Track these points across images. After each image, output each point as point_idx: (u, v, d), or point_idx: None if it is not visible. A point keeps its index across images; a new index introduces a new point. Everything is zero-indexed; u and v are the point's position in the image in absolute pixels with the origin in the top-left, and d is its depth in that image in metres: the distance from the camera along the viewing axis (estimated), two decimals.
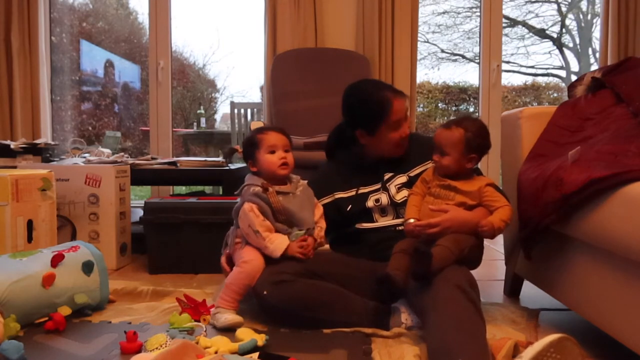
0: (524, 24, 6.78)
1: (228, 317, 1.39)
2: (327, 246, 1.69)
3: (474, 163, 1.45)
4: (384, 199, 1.58)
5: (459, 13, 6.66)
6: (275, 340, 1.28)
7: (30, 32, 3.24)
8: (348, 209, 1.61)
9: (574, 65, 6.85)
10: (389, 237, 1.52)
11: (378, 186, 1.60)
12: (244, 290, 1.44)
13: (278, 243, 1.44)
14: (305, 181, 1.60)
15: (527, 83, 6.81)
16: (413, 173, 1.58)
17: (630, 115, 1.39)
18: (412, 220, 1.43)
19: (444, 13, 6.64)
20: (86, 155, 2.64)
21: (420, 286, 1.28)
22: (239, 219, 1.51)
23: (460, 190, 1.42)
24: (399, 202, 1.56)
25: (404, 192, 1.56)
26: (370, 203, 1.59)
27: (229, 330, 1.36)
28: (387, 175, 1.60)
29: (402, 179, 1.59)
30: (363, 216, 1.60)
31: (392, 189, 1.58)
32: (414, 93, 3.22)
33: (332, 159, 1.76)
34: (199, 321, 1.43)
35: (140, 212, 2.12)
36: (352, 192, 1.62)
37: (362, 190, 1.61)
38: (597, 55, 3.47)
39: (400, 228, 1.52)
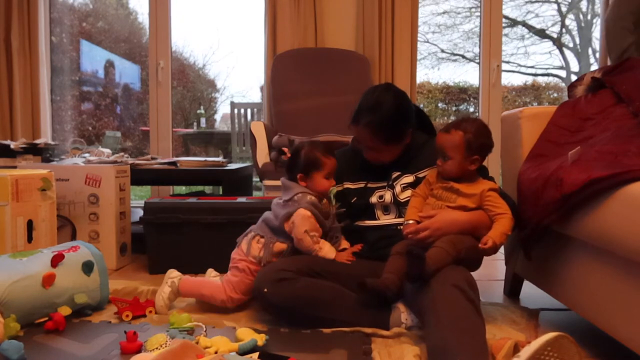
0: (524, 24, 6.78)
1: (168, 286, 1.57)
2: None
3: (477, 164, 1.43)
4: (387, 196, 1.58)
5: (458, 13, 6.66)
6: (275, 340, 1.28)
7: (30, 32, 3.24)
8: (353, 201, 1.63)
9: (574, 65, 6.86)
10: (390, 235, 1.53)
11: (385, 183, 1.61)
12: (199, 289, 1.58)
13: (327, 250, 1.53)
14: None
15: (527, 83, 6.82)
16: (421, 174, 1.58)
17: (630, 115, 1.39)
18: (411, 222, 1.43)
19: (444, 13, 6.65)
20: (86, 155, 2.64)
21: (419, 287, 1.28)
22: (294, 221, 1.52)
23: (462, 193, 1.41)
24: (402, 201, 1.56)
25: (409, 192, 1.56)
26: (374, 199, 1.59)
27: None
28: (394, 174, 1.61)
29: (408, 178, 1.59)
30: (365, 212, 1.61)
31: (397, 188, 1.58)
32: (414, 93, 3.21)
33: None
34: (145, 315, 1.49)
35: (140, 212, 2.12)
36: (361, 184, 1.63)
37: (371, 185, 1.62)
38: (597, 55, 3.47)
39: (401, 227, 1.52)
